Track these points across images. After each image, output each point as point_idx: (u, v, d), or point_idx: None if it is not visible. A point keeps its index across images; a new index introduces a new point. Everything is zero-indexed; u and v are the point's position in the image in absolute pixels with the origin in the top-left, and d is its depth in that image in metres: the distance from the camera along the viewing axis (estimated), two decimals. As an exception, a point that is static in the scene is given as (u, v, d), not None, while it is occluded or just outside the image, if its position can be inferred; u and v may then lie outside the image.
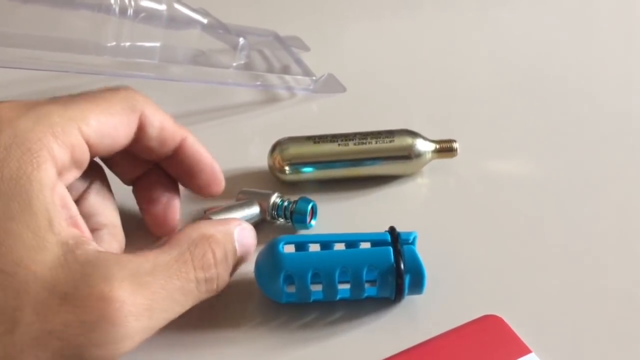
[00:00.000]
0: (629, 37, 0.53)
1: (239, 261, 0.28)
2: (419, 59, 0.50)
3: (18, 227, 0.22)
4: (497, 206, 0.35)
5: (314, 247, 0.29)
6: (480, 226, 0.34)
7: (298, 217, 0.33)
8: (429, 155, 0.36)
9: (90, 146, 0.26)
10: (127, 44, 0.40)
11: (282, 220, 0.34)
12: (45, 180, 0.23)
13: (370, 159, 0.36)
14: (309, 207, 0.33)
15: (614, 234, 0.34)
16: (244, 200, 0.33)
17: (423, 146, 0.36)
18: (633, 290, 0.30)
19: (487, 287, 0.31)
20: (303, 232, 0.34)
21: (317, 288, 0.28)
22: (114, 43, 0.40)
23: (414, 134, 0.36)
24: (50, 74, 0.43)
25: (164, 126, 0.30)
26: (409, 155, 0.36)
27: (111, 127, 0.27)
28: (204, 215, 0.33)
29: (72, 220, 0.25)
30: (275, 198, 0.33)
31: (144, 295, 0.23)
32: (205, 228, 0.27)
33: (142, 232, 0.32)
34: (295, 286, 0.28)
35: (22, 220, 0.22)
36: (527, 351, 0.27)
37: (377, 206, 0.36)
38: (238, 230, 0.28)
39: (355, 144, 0.36)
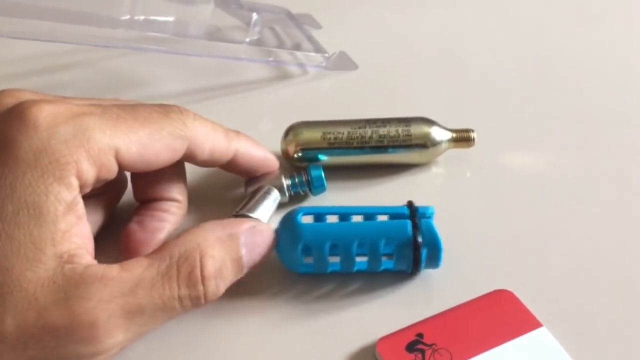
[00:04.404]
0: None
1: (249, 266, 0.27)
2: (434, 37, 0.49)
3: (21, 235, 0.22)
4: (513, 198, 0.35)
5: (332, 219, 0.30)
6: (495, 216, 0.34)
7: (317, 183, 0.34)
8: (445, 145, 0.36)
9: (121, 166, 0.26)
10: (141, 17, 0.40)
11: (301, 193, 0.34)
12: (62, 195, 0.23)
13: (385, 147, 0.35)
14: (322, 171, 0.34)
15: (626, 217, 0.34)
16: (259, 188, 0.33)
17: (440, 135, 0.35)
18: (642, 267, 0.31)
19: (500, 263, 0.31)
20: (322, 203, 0.34)
21: (334, 259, 0.29)
22: (128, 17, 0.40)
23: (430, 122, 0.35)
24: (65, 48, 0.43)
25: (214, 149, 0.29)
26: (425, 143, 0.35)
27: (152, 152, 0.26)
28: (235, 216, 0.32)
29: (77, 231, 0.24)
30: (284, 179, 0.33)
31: (121, 316, 0.23)
32: (203, 235, 0.25)
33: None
34: (312, 257, 0.28)
35: (27, 230, 0.22)
36: (537, 325, 0.27)
37: (391, 194, 0.35)
38: (246, 235, 0.26)
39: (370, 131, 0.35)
